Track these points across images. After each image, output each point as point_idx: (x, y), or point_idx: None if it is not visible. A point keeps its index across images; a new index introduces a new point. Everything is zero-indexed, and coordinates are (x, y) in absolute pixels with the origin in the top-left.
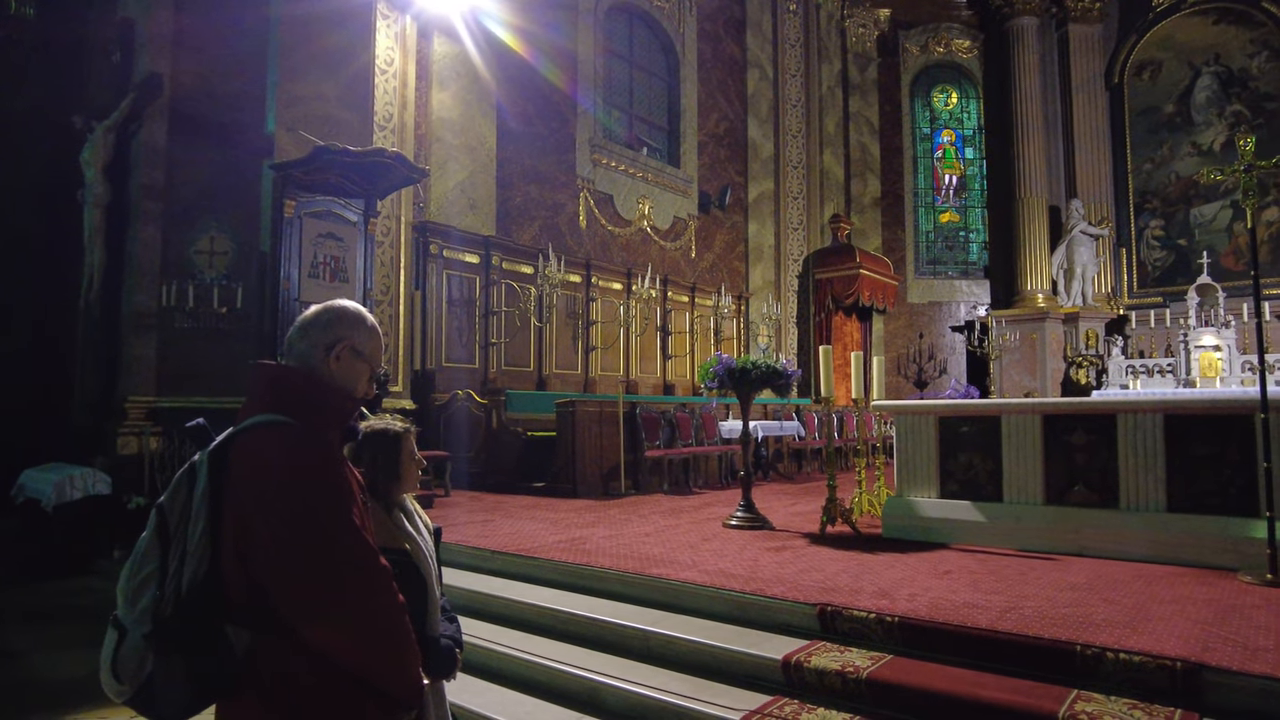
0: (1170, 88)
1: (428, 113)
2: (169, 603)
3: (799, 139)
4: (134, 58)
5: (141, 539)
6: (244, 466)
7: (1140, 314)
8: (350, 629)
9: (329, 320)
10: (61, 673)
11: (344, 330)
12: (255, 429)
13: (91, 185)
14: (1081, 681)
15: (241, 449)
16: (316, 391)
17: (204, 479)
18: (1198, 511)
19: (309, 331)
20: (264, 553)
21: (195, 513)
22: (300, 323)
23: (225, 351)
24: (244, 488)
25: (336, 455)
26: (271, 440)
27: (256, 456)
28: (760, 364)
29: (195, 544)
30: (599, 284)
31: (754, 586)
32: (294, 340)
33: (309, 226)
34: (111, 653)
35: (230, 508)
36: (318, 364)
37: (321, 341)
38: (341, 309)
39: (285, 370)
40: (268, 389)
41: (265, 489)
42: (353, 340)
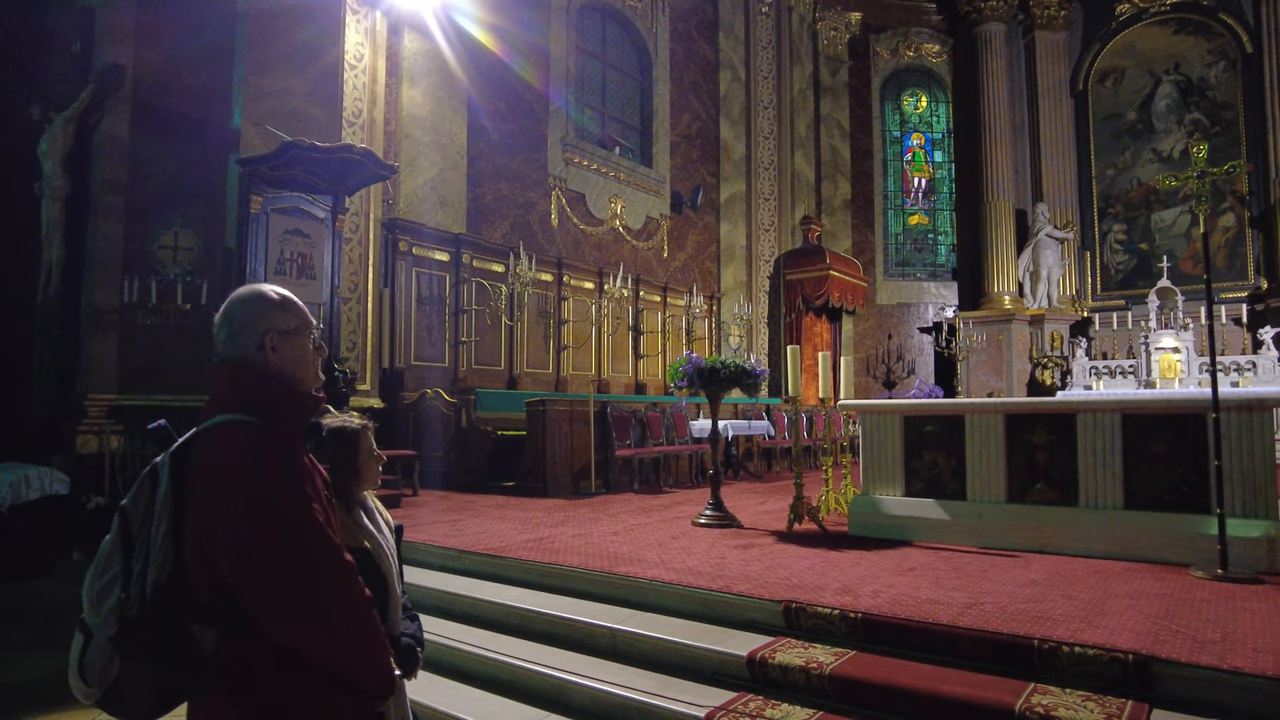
0: (1132, 95)
1: (398, 109)
2: (134, 605)
3: (770, 140)
4: (94, 48)
5: (105, 542)
6: (204, 466)
7: (1103, 316)
8: (317, 626)
9: (243, 321)
10: (21, 675)
11: (260, 322)
12: (214, 428)
13: (50, 178)
14: (1039, 675)
15: (201, 449)
16: (269, 385)
17: (165, 480)
18: (1153, 509)
19: (234, 338)
20: (227, 553)
21: (157, 514)
22: (220, 330)
23: (189, 349)
24: (205, 487)
25: (298, 451)
26: (230, 439)
27: (216, 455)
28: (729, 363)
29: (158, 546)
30: (571, 283)
31: (720, 584)
32: (226, 348)
33: (275, 223)
34: (79, 655)
35: (192, 508)
36: (259, 361)
37: (250, 342)
38: (242, 303)
39: (239, 368)
40: (225, 388)
41: (226, 488)
42: (275, 325)
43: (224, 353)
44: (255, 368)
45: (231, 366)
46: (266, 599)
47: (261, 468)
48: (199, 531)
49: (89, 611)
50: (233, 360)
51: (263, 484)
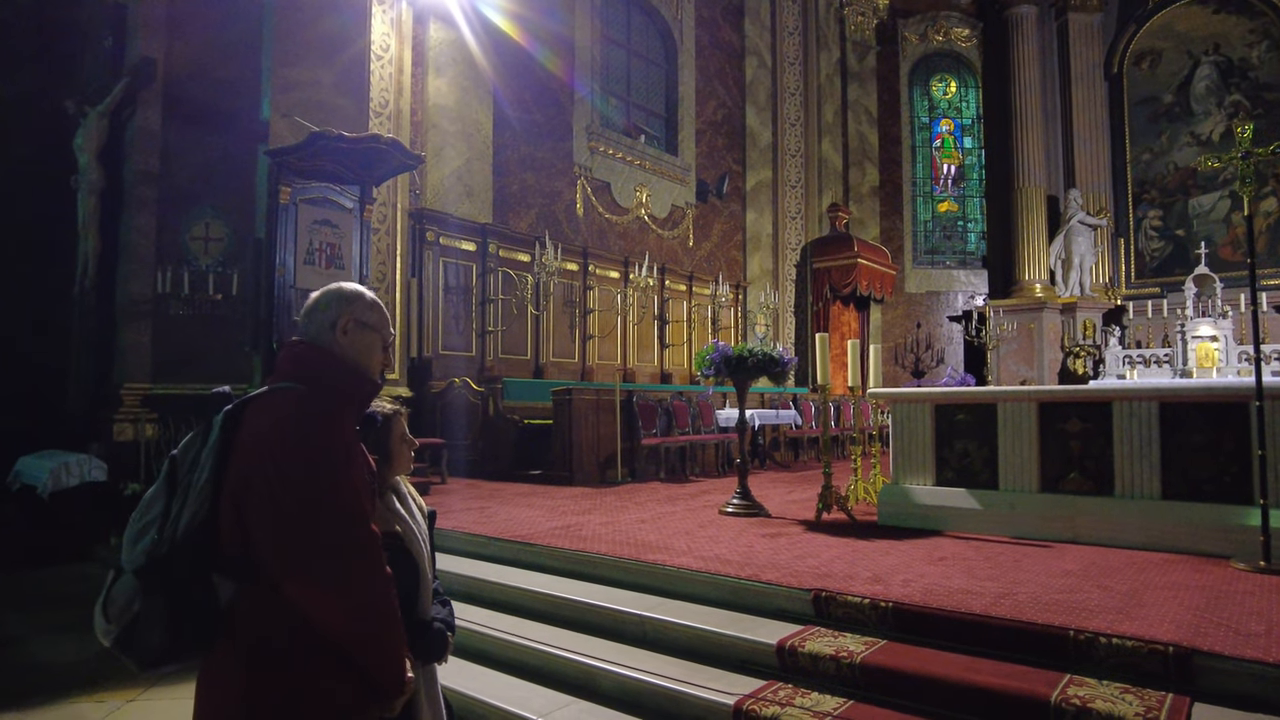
0: (1169, 78)
1: (424, 99)
2: (165, 544)
3: (797, 127)
4: (127, 42)
5: (152, 488)
6: (255, 422)
7: (1138, 304)
8: (331, 591)
9: (329, 301)
10: (61, 658)
11: (344, 306)
12: (270, 390)
13: (85, 171)
14: (1074, 666)
15: (255, 407)
16: (331, 364)
17: (216, 431)
18: (1192, 499)
19: (314, 314)
20: (259, 500)
21: (203, 462)
22: (305, 308)
23: (220, 338)
24: (252, 440)
25: (349, 423)
26: (284, 398)
27: (268, 413)
28: (757, 352)
29: (197, 490)
30: (596, 272)
31: (749, 572)
32: (304, 325)
33: (304, 213)
34: (105, 590)
35: (236, 459)
36: (328, 341)
37: (326, 320)
38: (339, 289)
39: (304, 345)
40: (290, 362)
41: (272, 443)
42: (354, 313)
43: (301, 330)
44: (322, 346)
45: (299, 344)
46: (286, 551)
47: (308, 426)
48: (237, 479)
49: (125, 551)
50: (305, 338)
51: (307, 441)
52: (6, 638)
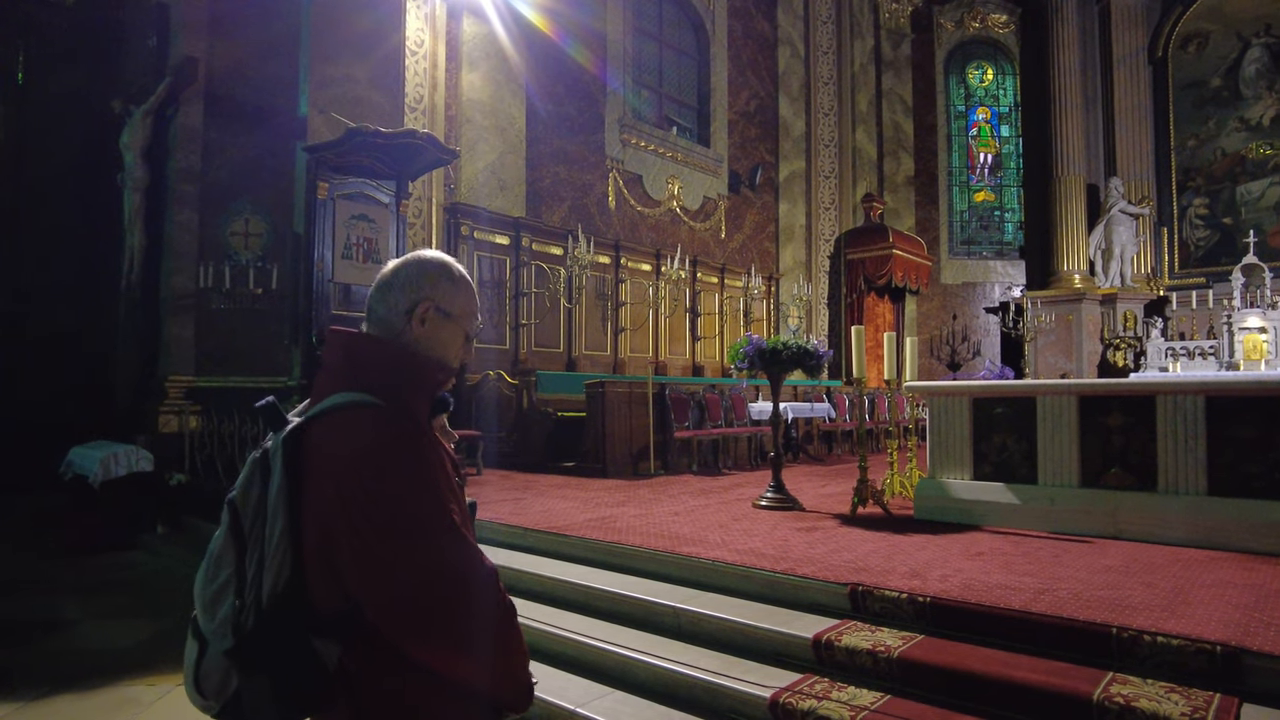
0: (1217, 61)
1: (458, 94)
2: (249, 613)
3: (831, 117)
4: (170, 42)
5: (214, 539)
6: (325, 459)
7: (1181, 295)
8: (456, 646)
9: (408, 278)
10: (112, 642)
11: (426, 288)
12: (335, 413)
13: (131, 169)
14: (1117, 664)
15: (321, 438)
16: (402, 363)
17: (279, 472)
18: (1240, 495)
19: (388, 293)
20: (356, 564)
21: (272, 511)
22: (379, 282)
23: (261, 331)
24: (326, 483)
25: (430, 441)
26: (355, 429)
27: (337, 446)
28: (791, 344)
29: (274, 547)
30: (628, 265)
31: (784, 566)
32: (373, 304)
33: (342, 208)
34: (194, 665)
35: (311, 505)
36: (401, 330)
37: (402, 304)
38: (421, 262)
39: (366, 340)
40: (346, 360)
41: (350, 487)
42: (436, 299)
43: (371, 314)
44: (390, 340)
45: (356, 337)
46: (398, 617)
47: (392, 464)
48: (319, 533)
49: (203, 617)
50: (376, 324)
51: (393, 484)
52: (62, 622)
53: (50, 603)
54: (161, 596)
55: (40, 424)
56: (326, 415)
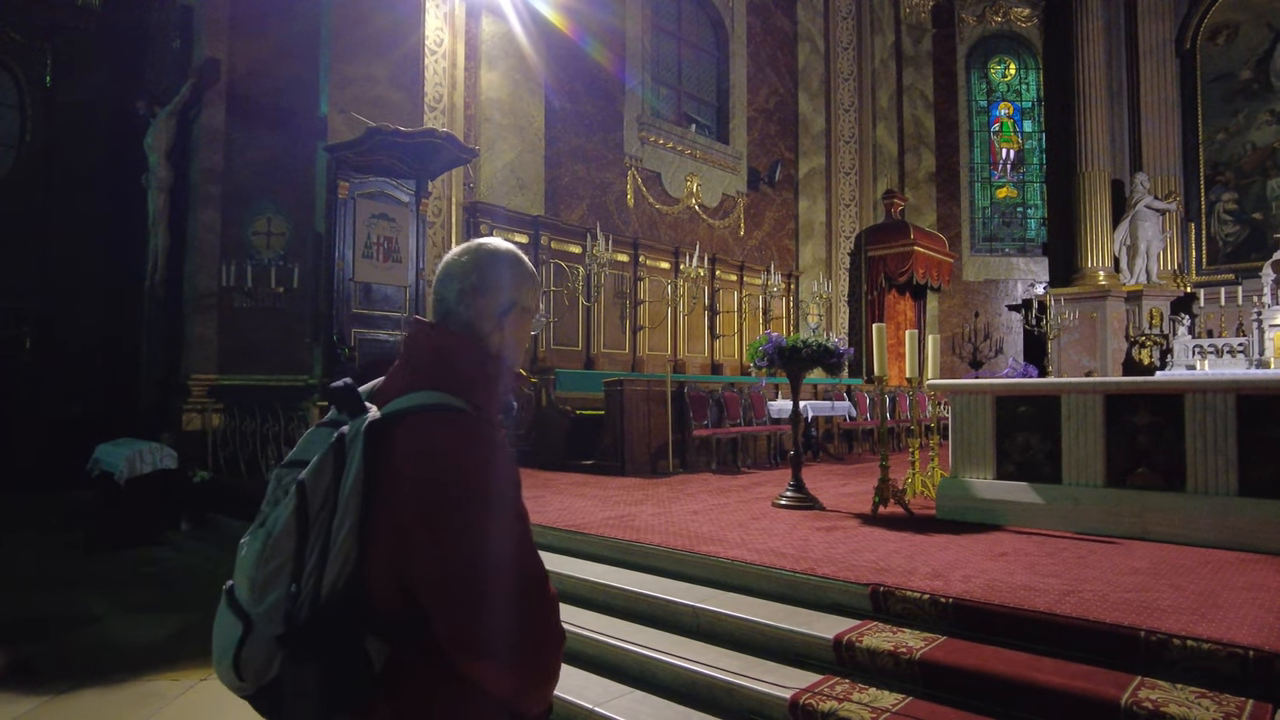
0: (1247, 52)
1: (477, 93)
2: (305, 604)
3: (851, 113)
4: (193, 43)
5: (275, 516)
6: (411, 462)
7: (1209, 291)
8: (515, 665)
9: (496, 281)
10: (137, 637)
11: (514, 291)
12: (424, 415)
13: (155, 169)
14: (1145, 668)
15: (408, 439)
16: (489, 369)
17: (358, 465)
18: (1272, 496)
19: (474, 297)
20: (433, 573)
21: (343, 505)
22: (459, 282)
23: (282, 330)
24: (410, 486)
25: (508, 451)
26: (446, 434)
27: (428, 452)
28: (812, 343)
29: (340, 541)
30: (647, 263)
31: (804, 565)
32: (452, 304)
33: (362, 207)
34: (234, 646)
35: (385, 504)
36: (489, 333)
37: (491, 309)
38: (497, 260)
39: (462, 342)
40: (436, 359)
41: (437, 497)
42: (524, 299)
43: (450, 314)
44: (478, 341)
45: (448, 337)
46: (467, 631)
47: (481, 473)
48: (391, 532)
49: (249, 598)
50: (458, 326)
51: (482, 500)
52: (88, 617)
53: (77, 598)
54: (186, 592)
55: (68, 421)
56: (414, 414)
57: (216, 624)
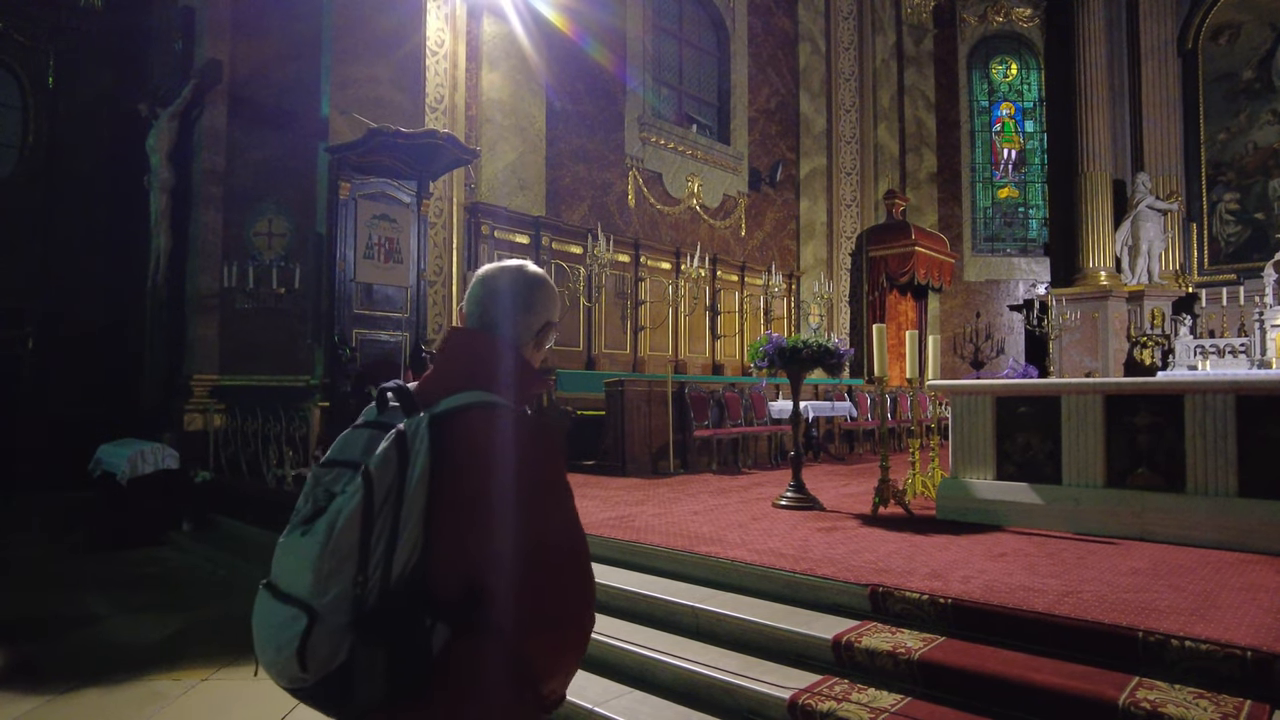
0: (1249, 52)
1: (478, 94)
2: (374, 591)
3: (852, 113)
4: (195, 45)
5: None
6: (478, 452)
7: (1211, 292)
8: (565, 638)
9: (536, 302)
10: (139, 637)
11: (549, 313)
12: (484, 409)
13: (157, 171)
14: (1143, 669)
15: (468, 430)
16: (527, 375)
17: (425, 456)
18: (1272, 497)
19: (521, 314)
20: (509, 550)
21: (410, 492)
22: (508, 299)
23: (283, 331)
24: (478, 475)
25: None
26: (511, 424)
27: (493, 440)
28: (811, 343)
29: (409, 529)
30: (648, 263)
31: (804, 566)
32: (497, 318)
33: (363, 208)
34: (298, 638)
35: (457, 493)
36: (526, 344)
37: (533, 325)
38: (541, 284)
39: (502, 348)
40: (483, 364)
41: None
42: (552, 319)
43: (494, 321)
44: (517, 350)
45: (493, 344)
46: (540, 601)
47: (545, 463)
48: (458, 520)
49: (312, 590)
50: (502, 335)
51: (547, 481)
52: (89, 617)
53: (79, 598)
54: (188, 592)
55: (70, 422)
56: (475, 409)
57: (261, 622)
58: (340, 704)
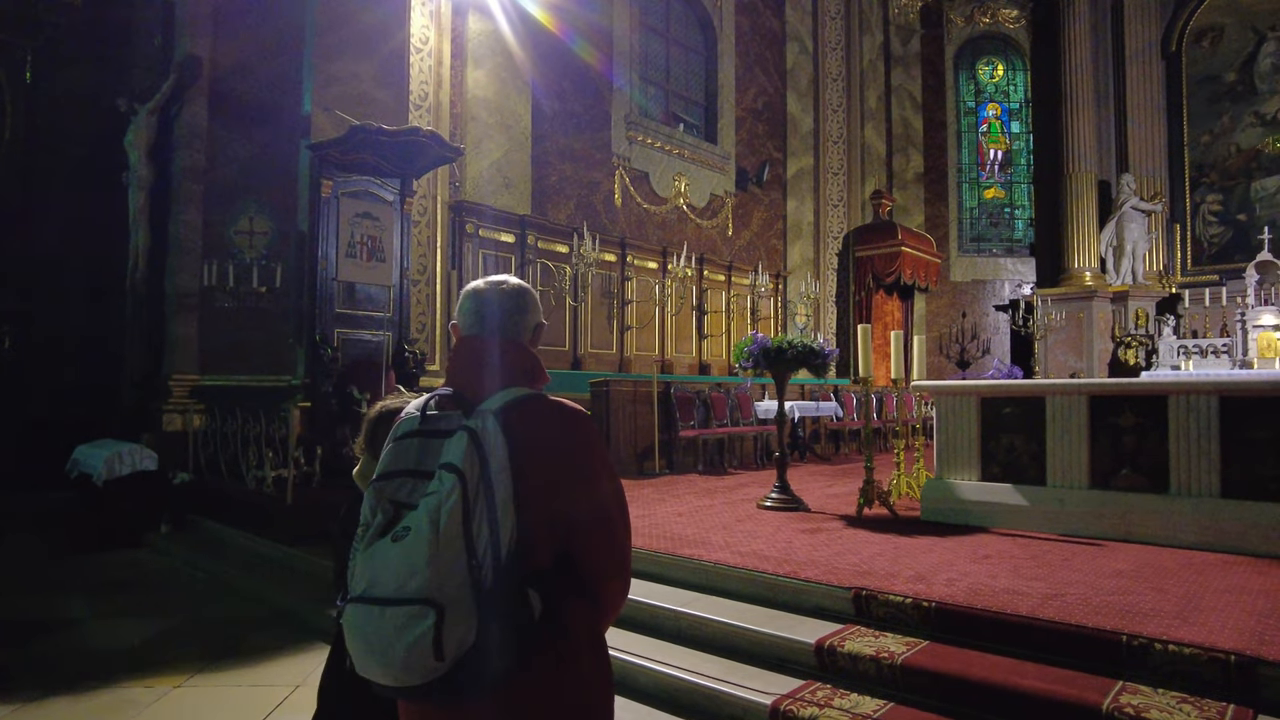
0: (1232, 55)
1: (463, 91)
2: (488, 571)
3: (839, 113)
4: (175, 40)
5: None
6: (541, 439)
7: (1194, 292)
8: (626, 582)
9: (528, 305)
10: (114, 642)
11: (538, 314)
12: (533, 401)
13: (135, 168)
14: (1127, 673)
15: (529, 421)
16: (538, 370)
17: (502, 449)
18: (1255, 498)
19: (516, 318)
20: (590, 513)
21: (495, 479)
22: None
23: (264, 330)
24: (553, 455)
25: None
26: (562, 409)
27: (559, 424)
28: (796, 343)
29: (503, 512)
30: (634, 263)
31: (787, 569)
32: (502, 323)
33: (346, 206)
34: (432, 630)
35: (524, 474)
36: (530, 342)
37: (527, 326)
38: (528, 290)
39: (514, 349)
40: (516, 362)
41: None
42: (541, 320)
43: (499, 326)
44: (528, 349)
45: (522, 347)
46: (609, 557)
47: (595, 437)
48: (540, 496)
49: (428, 584)
50: (507, 337)
51: (600, 452)
52: (63, 621)
53: (53, 601)
54: (165, 596)
55: (47, 422)
56: (526, 403)
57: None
58: (470, 686)
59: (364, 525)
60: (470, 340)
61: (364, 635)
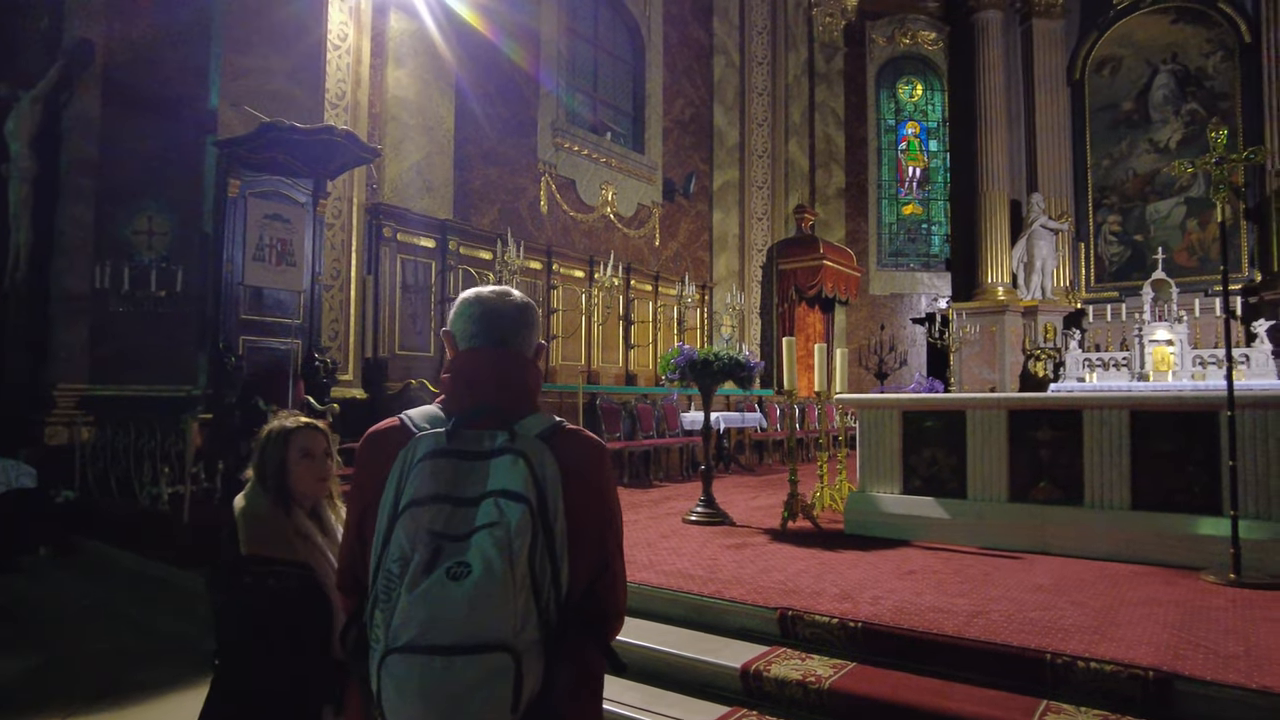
0: (1129, 85)
1: (383, 91)
2: (551, 609)
3: (764, 127)
4: (63, 24)
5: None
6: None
7: (1097, 308)
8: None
9: (535, 320)
10: None
11: (540, 333)
12: (574, 434)
13: (16, 159)
14: (1052, 692)
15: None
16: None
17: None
18: (1162, 509)
19: (526, 334)
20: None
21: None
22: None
23: (164, 337)
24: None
25: None
26: (598, 446)
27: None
28: (723, 356)
29: (562, 546)
30: (560, 271)
31: (712, 588)
32: (510, 338)
33: (254, 207)
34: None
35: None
36: (533, 359)
37: (532, 343)
38: (533, 305)
39: (529, 366)
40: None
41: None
42: (542, 340)
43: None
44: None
45: (526, 360)
46: (623, 594)
47: (610, 471)
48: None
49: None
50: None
51: (614, 486)
52: None
53: None
54: (44, 626)
55: None
56: (568, 433)
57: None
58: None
59: (401, 560)
60: (486, 353)
61: (423, 691)
